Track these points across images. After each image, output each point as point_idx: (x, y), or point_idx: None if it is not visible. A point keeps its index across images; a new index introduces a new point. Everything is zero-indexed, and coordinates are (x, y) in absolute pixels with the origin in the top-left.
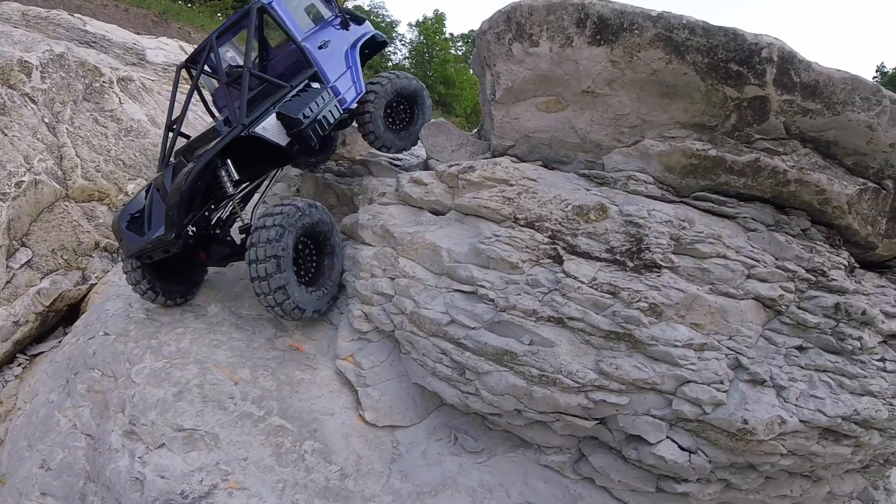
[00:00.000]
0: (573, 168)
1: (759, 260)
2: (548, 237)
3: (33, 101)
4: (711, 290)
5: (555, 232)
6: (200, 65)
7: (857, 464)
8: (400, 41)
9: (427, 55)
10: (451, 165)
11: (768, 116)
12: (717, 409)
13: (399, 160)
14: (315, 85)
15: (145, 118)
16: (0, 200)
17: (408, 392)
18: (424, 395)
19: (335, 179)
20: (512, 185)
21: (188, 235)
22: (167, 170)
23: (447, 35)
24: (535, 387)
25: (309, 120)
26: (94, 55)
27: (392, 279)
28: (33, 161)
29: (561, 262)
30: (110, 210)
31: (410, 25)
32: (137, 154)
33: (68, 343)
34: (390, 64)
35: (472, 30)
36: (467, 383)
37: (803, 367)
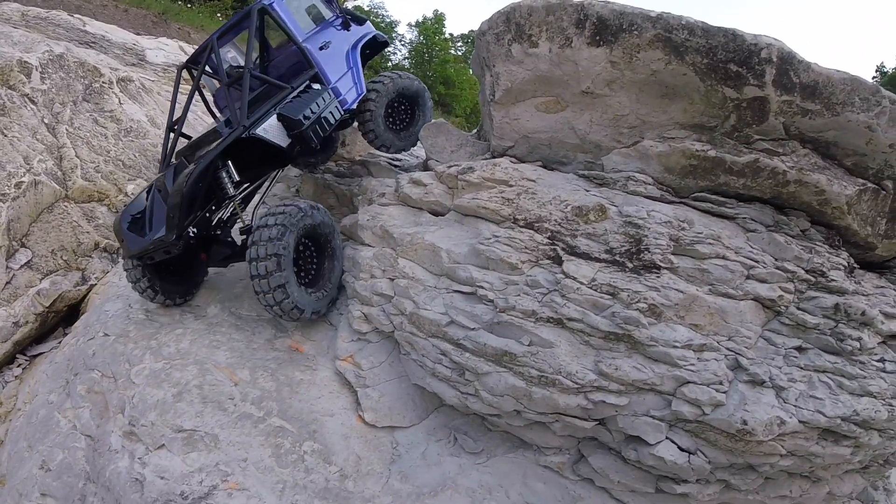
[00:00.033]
0: (573, 169)
1: (759, 261)
2: (547, 238)
3: (33, 102)
4: (711, 291)
5: (554, 233)
6: (201, 65)
7: (857, 464)
8: (399, 41)
9: (427, 55)
10: (451, 166)
11: (768, 117)
12: (717, 410)
13: (399, 161)
14: (316, 86)
15: (145, 119)
16: (0, 201)
17: (407, 393)
18: (424, 396)
19: (335, 180)
20: (511, 186)
21: (189, 236)
22: (168, 170)
23: (447, 35)
24: (535, 387)
25: (310, 121)
26: (94, 56)
27: (391, 280)
28: (33, 162)
29: (560, 263)
30: (110, 211)
31: (410, 26)
32: (137, 155)
33: (68, 344)
34: (390, 64)
35: (472, 30)
36: (467, 384)
37: (803, 368)
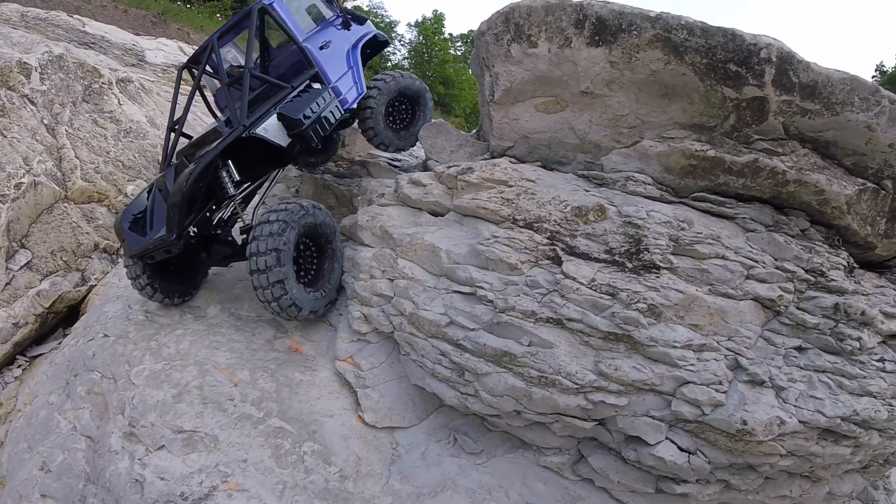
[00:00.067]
0: (572, 169)
1: (759, 260)
2: (547, 238)
3: (32, 103)
4: (710, 291)
5: (554, 233)
6: (202, 65)
7: (857, 464)
8: (399, 41)
9: (426, 55)
10: (450, 166)
11: (767, 117)
12: (717, 410)
13: (398, 161)
14: (316, 85)
15: (144, 119)
16: (0, 202)
17: (407, 393)
18: (424, 397)
19: (334, 180)
20: (511, 186)
21: (189, 236)
22: (169, 170)
23: (446, 35)
24: (534, 388)
25: (310, 120)
26: (94, 56)
27: (391, 280)
28: (32, 163)
29: (560, 264)
30: (109, 211)
31: (409, 26)
32: (137, 155)
33: (68, 345)
34: (389, 64)
35: (472, 30)
36: (466, 384)
37: (802, 368)
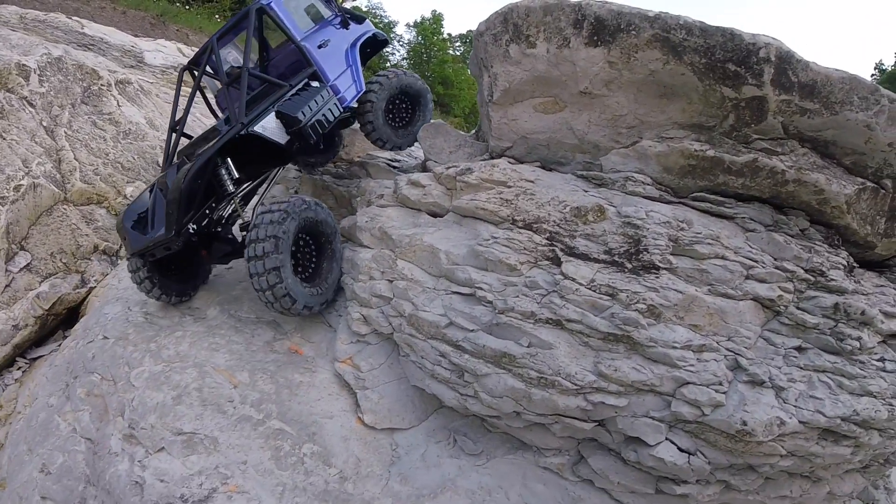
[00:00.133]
0: (571, 169)
1: (758, 260)
2: (546, 239)
3: (31, 105)
4: (710, 291)
5: (553, 234)
6: (202, 66)
7: (857, 464)
8: (398, 42)
9: (425, 55)
10: (449, 167)
11: (766, 116)
12: (716, 411)
13: (397, 162)
14: (315, 84)
15: (143, 121)
16: None
17: (407, 394)
18: (423, 398)
19: (333, 181)
20: (510, 187)
21: (189, 233)
22: (170, 170)
23: (445, 35)
24: (534, 389)
25: (308, 118)
26: (92, 58)
27: (390, 281)
28: (32, 165)
29: (559, 264)
30: (109, 213)
31: (408, 26)
32: (136, 157)
33: (68, 347)
34: (388, 64)
35: (471, 30)
36: (466, 386)
37: (802, 368)
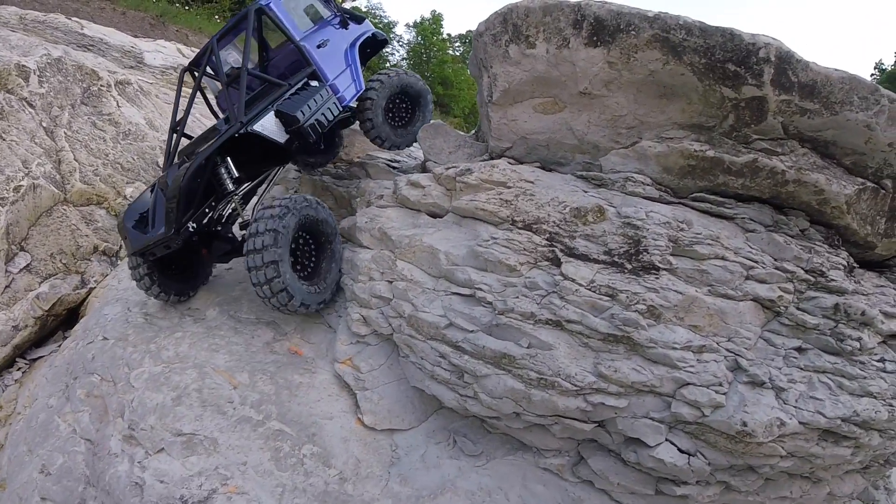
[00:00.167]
0: (571, 170)
1: (758, 261)
2: (546, 239)
3: (31, 106)
4: (710, 292)
5: (553, 234)
6: (202, 67)
7: (857, 465)
8: (398, 42)
9: (425, 56)
10: (449, 168)
11: (766, 116)
12: (716, 412)
13: (397, 162)
14: (314, 83)
15: (143, 121)
16: None
17: (406, 395)
18: (423, 399)
19: (333, 182)
20: (509, 188)
21: (189, 232)
22: (171, 170)
23: (445, 36)
24: (534, 390)
25: (306, 117)
26: (92, 59)
27: (390, 282)
28: (31, 165)
29: (559, 265)
30: (109, 214)
31: (408, 26)
32: (135, 157)
33: (67, 347)
34: (388, 64)
35: (470, 30)
36: (466, 386)
37: (802, 369)
